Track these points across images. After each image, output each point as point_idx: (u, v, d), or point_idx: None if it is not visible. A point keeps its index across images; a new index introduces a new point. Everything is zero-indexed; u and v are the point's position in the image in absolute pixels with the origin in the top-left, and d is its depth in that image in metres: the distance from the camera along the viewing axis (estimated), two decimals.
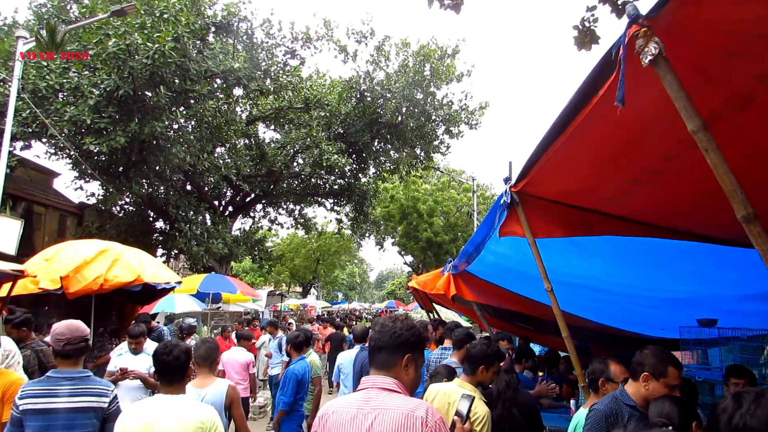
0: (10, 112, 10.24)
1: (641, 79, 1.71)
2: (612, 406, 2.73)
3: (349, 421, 1.96)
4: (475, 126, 21.58)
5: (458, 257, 5.05)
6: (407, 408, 1.91)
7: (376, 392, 2.00)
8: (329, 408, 2.08)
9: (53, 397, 3.07)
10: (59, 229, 20.42)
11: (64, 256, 6.34)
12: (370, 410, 1.94)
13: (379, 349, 2.09)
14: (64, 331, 3.22)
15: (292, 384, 5.52)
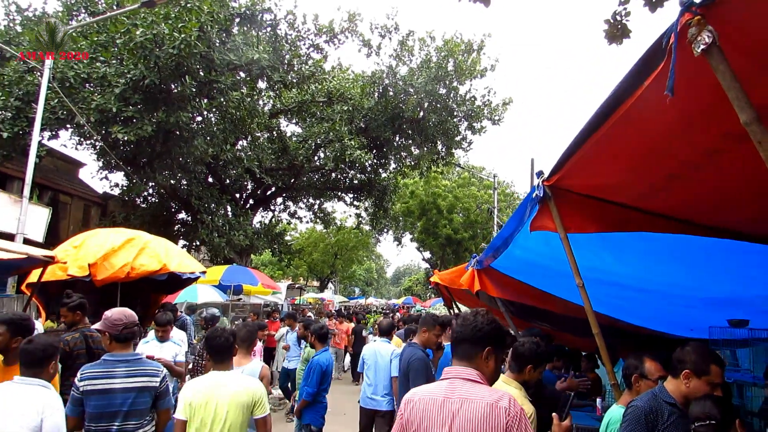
0: (41, 101, 10.43)
1: (690, 70, 1.67)
2: (652, 404, 2.68)
3: (437, 408, 2.12)
4: (498, 122, 21.46)
5: (484, 252, 5.01)
6: (491, 398, 2.06)
7: (461, 382, 2.14)
8: (415, 394, 2.24)
9: (111, 378, 3.39)
10: (84, 218, 20.79)
11: (93, 243, 6.46)
12: (456, 399, 2.10)
13: (461, 342, 2.23)
14: (121, 317, 3.57)
15: (316, 375, 5.57)
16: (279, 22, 18.45)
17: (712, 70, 1.60)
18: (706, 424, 2.34)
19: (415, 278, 64.20)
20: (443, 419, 2.09)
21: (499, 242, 4.21)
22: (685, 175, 2.44)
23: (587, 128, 2.27)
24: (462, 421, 2.05)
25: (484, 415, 2.03)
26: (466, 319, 2.28)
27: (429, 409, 2.14)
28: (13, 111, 12.50)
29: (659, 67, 1.74)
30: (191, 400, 3.32)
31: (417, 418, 2.16)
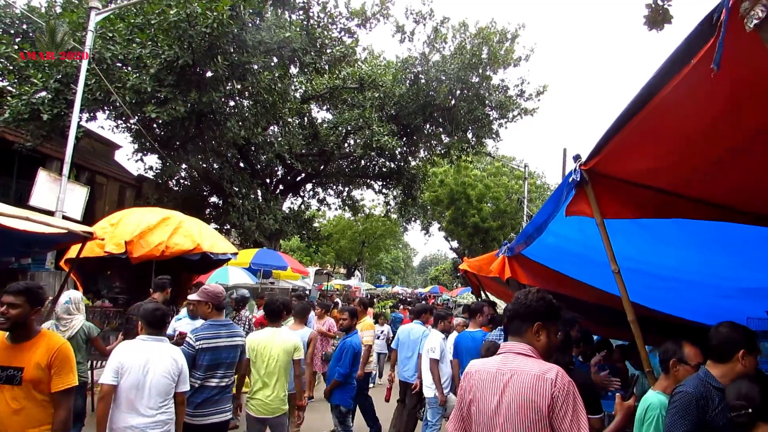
0: (80, 81, 10.66)
1: (741, 47, 1.61)
2: (701, 389, 2.61)
3: (490, 379, 2.33)
4: (531, 112, 21.15)
5: (516, 239, 4.97)
6: (539, 370, 2.24)
7: (513, 356, 2.35)
8: (473, 367, 2.47)
9: (218, 338, 4.50)
10: (119, 200, 21.31)
11: (129, 221, 6.62)
12: (507, 371, 2.30)
13: (513, 318, 2.43)
14: (219, 292, 4.69)
15: (349, 356, 5.67)
16: (311, 5, 18.47)
17: (764, 46, 1.54)
18: (743, 414, 2.29)
19: (442, 268, 64.06)
20: (495, 389, 2.29)
21: (533, 228, 4.16)
22: (731, 158, 2.38)
23: (628, 111, 2.22)
24: (511, 391, 2.24)
25: (531, 386, 2.20)
26: (518, 297, 2.47)
27: (483, 379, 2.36)
28: (52, 92, 12.81)
29: (707, 45, 1.68)
30: (255, 345, 4.87)
31: (473, 388, 2.38)
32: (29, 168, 15.81)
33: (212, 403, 4.39)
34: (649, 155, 2.56)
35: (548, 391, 2.17)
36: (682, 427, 2.56)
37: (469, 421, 2.40)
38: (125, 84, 12.70)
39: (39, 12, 14.99)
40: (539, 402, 2.17)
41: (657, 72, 1.97)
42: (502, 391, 2.27)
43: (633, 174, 2.86)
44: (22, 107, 12.52)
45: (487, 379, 2.35)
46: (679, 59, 1.84)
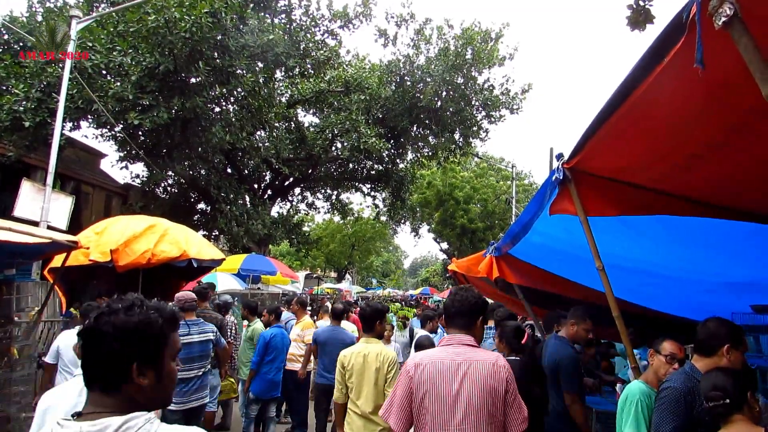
0: (63, 90, 10.58)
1: (711, 44, 1.64)
2: (688, 384, 2.65)
3: (446, 369, 2.54)
4: (517, 111, 21.28)
5: (503, 239, 4.99)
6: (491, 359, 2.58)
7: (463, 348, 2.61)
8: (423, 359, 2.63)
9: (189, 335, 5.27)
10: (105, 208, 21.08)
11: (114, 230, 6.56)
12: (462, 361, 2.55)
13: (460, 314, 2.72)
14: (185, 296, 5.49)
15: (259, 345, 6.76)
16: (293, 8, 18.47)
17: (734, 43, 1.57)
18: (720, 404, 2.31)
19: (432, 269, 64.18)
20: (453, 378, 2.51)
21: (518, 228, 4.19)
22: (708, 154, 2.41)
23: (606, 108, 2.25)
24: (471, 378, 2.50)
25: (489, 372, 2.52)
26: (460, 294, 2.78)
27: (439, 371, 2.54)
28: (35, 102, 12.70)
29: (680, 42, 1.71)
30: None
31: (427, 380, 2.54)
32: (13, 179, 15.62)
33: (192, 392, 5.27)
34: (627, 152, 2.59)
35: (503, 375, 2.54)
36: (671, 423, 2.58)
37: (421, 411, 2.53)
38: (107, 92, 12.62)
39: (21, 22, 14.87)
40: (497, 386, 2.51)
41: (632, 70, 2.00)
42: (462, 379, 2.50)
43: (614, 171, 2.89)
44: (4, 116, 12.40)
45: (443, 369, 2.54)
46: (653, 57, 1.87)
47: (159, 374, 1.40)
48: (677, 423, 2.56)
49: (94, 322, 1.37)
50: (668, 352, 3.03)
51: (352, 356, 4.35)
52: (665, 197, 2.95)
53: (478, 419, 2.46)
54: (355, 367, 4.29)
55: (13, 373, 5.64)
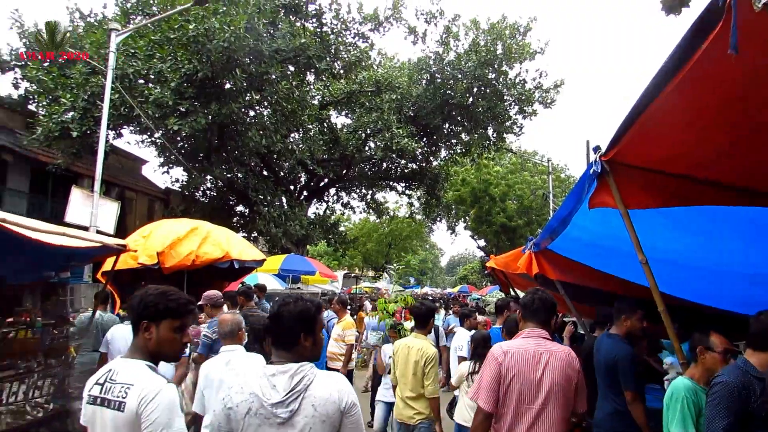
0: (106, 99, 10.97)
1: (749, 28, 1.61)
2: (742, 379, 2.57)
3: (531, 357, 2.97)
4: (550, 104, 20.97)
5: (541, 234, 4.95)
6: (566, 350, 3.08)
7: (542, 341, 3.06)
8: (510, 347, 3.06)
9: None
10: (148, 212, 21.76)
11: (160, 233, 6.78)
12: (543, 351, 3.00)
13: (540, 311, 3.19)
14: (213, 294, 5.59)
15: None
16: (324, 12, 18.65)
17: None
18: None
19: (470, 267, 63.67)
20: (536, 365, 2.94)
21: (557, 223, 4.15)
22: (752, 138, 2.36)
23: (644, 97, 2.22)
24: (551, 367, 2.94)
25: (566, 362, 2.98)
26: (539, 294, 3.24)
27: (525, 358, 2.96)
28: (81, 111, 13.20)
29: (718, 26, 1.69)
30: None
31: (514, 365, 2.96)
32: (62, 187, 16.31)
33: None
34: (668, 141, 2.55)
35: (576, 367, 3.01)
36: (725, 418, 2.50)
37: (508, 393, 2.95)
38: (147, 98, 13.02)
39: None
40: (572, 374, 2.98)
41: (669, 57, 1.98)
42: (544, 366, 2.94)
43: (653, 161, 2.84)
44: (53, 125, 12.94)
45: (528, 357, 2.97)
46: (691, 42, 1.85)
47: (314, 340, 2.26)
48: (731, 419, 2.49)
49: (278, 310, 2.23)
50: (721, 348, 2.94)
51: (399, 347, 4.93)
52: (708, 187, 2.89)
53: (556, 402, 2.91)
54: (400, 357, 4.85)
55: (71, 370, 5.91)
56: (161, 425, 2.02)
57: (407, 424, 4.76)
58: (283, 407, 2.07)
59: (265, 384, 2.12)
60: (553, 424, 2.89)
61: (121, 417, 2.04)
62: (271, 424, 2.07)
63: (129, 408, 2.03)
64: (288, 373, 2.13)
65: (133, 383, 2.09)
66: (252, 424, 2.08)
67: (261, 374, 2.15)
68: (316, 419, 2.09)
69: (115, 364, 2.22)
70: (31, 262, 5.60)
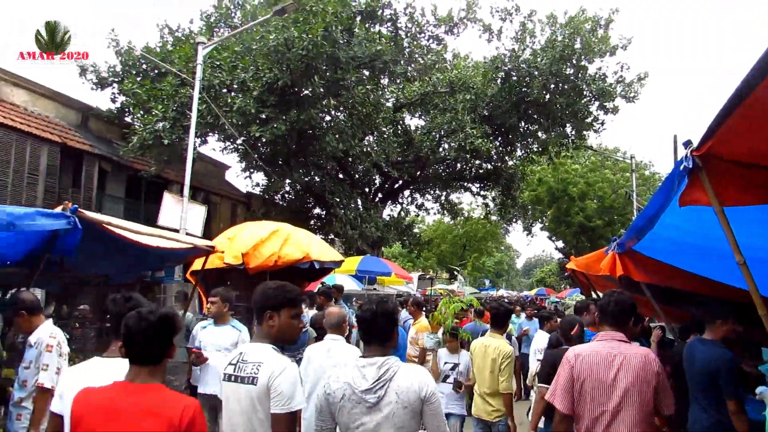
0: (194, 109, 11.63)
1: None
2: None
3: (603, 360, 3.00)
4: (633, 99, 20.04)
5: (626, 234, 4.77)
6: (642, 352, 3.08)
7: (617, 343, 3.06)
8: (582, 351, 3.11)
9: None
10: (231, 216, 22.74)
11: (244, 235, 7.12)
12: (617, 353, 2.99)
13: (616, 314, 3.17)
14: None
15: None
16: (399, 17, 18.80)
17: None
18: None
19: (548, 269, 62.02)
20: (609, 367, 2.96)
21: (643, 222, 3.99)
22: None
23: (744, 85, 2.10)
24: (625, 369, 2.93)
25: (641, 364, 2.95)
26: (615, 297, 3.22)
27: (597, 361, 2.99)
28: (171, 121, 14.06)
29: None
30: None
31: (587, 368, 3.00)
32: (153, 192, 17.40)
33: None
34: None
35: (654, 369, 2.97)
36: None
37: (582, 395, 3.00)
38: (232, 107, 13.67)
39: (154, 51, 16.53)
40: (649, 377, 2.94)
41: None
42: (618, 369, 2.94)
43: (753, 155, 2.68)
44: (147, 135, 13.86)
45: (600, 360, 2.99)
46: None
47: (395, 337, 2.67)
48: None
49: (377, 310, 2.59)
50: None
51: (477, 345, 5.20)
52: None
53: (633, 404, 2.90)
54: (478, 354, 5.11)
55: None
56: (287, 396, 2.36)
57: (486, 421, 5.01)
58: (371, 394, 2.42)
59: (356, 374, 2.48)
60: (631, 426, 2.90)
61: (254, 389, 2.41)
62: (362, 408, 2.43)
63: (261, 382, 2.39)
64: (376, 365, 2.47)
65: (263, 361, 2.45)
66: (346, 407, 2.46)
67: (354, 365, 2.52)
68: (399, 405, 2.40)
69: (245, 347, 2.63)
70: (131, 262, 6.04)
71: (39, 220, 3.70)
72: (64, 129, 15.63)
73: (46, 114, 15.67)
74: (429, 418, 2.48)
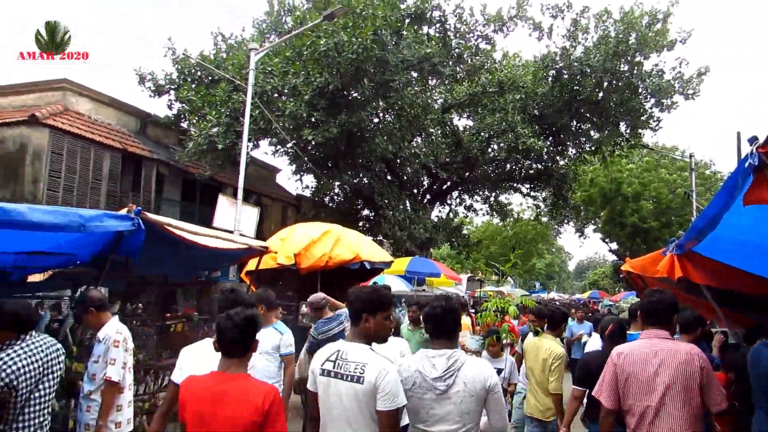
0: (246, 114, 11.97)
1: None
2: None
3: (645, 357, 3.08)
4: (692, 95, 19.24)
5: (686, 234, 4.61)
6: (686, 348, 3.10)
7: (658, 340, 3.14)
8: (624, 350, 3.23)
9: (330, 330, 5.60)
10: (282, 218, 23.20)
11: (296, 236, 7.27)
12: (659, 350, 3.07)
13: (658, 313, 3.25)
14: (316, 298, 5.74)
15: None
16: (447, 17, 18.74)
17: None
18: None
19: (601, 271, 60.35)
20: (650, 365, 3.03)
21: (704, 222, 3.84)
22: None
23: None
24: (667, 365, 3.00)
25: (686, 360, 2.99)
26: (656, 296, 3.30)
27: (638, 358, 3.09)
28: (224, 126, 14.49)
29: None
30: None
31: (629, 366, 3.10)
32: (207, 195, 17.97)
33: None
34: None
35: (698, 364, 2.99)
36: None
37: (626, 392, 3.11)
38: (284, 112, 13.97)
39: (208, 59, 17.09)
40: (693, 372, 2.96)
41: None
42: (659, 365, 3.01)
43: None
44: (202, 140, 14.34)
45: (641, 357, 3.09)
46: None
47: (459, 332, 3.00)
48: None
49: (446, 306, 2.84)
50: None
51: (530, 345, 5.33)
52: None
53: (676, 400, 2.95)
54: (530, 354, 5.25)
55: None
56: (393, 394, 2.56)
57: (539, 420, 5.12)
58: (440, 382, 2.68)
59: (426, 364, 2.74)
60: (677, 422, 2.95)
61: (360, 388, 2.59)
62: (431, 394, 2.70)
63: (368, 380, 2.58)
64: (445, 356, 2.73)
65: (367, 362, 2.63)
66: (416, 393, 2.72)
67: (423, 356, 2.79)
68: (466, 393, 2.67)
69: (341, 345, 2.82)
70: (189, 262, 6.27)
71: (106, 222, 3.92)
72: (124, 135, 16.37)
73: (108, 121, 16.45)
74: (492, 405, 2.75)
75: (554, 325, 5.43)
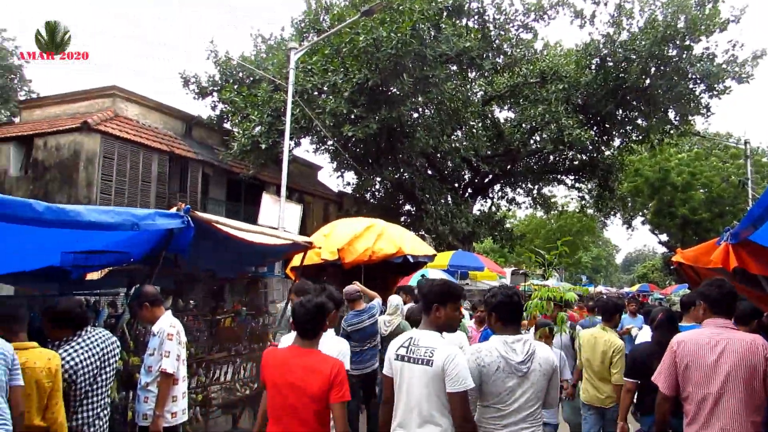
0: (288, 113, 12.15)
1: None
2: None
3: (704, 347, 3.07)
4: (746, 79, 18.35)
5: (741, 223, 4.43)
6: (749, 338, 3.06)
7: (721, 329, 3.11)
8: (684, 338, 3.25)
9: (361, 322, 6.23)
10: (324, 214, 23.45)
11: (339, 231, 7.36)
12: (720, 339, 3.04)
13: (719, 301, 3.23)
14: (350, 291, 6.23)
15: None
16: (486, 8, 18.50)
17: None
18: None
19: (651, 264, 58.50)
20: (711, 352, 3.01)
21: (761, 210, 3.69)
22: None
23: None
24: (728, 353, 2.96)
25: (747, 349, 2.95)
26: (716, 284, 3.36)
27: (699, 348, 3.08)
28: (266, 126, 14.75)
29: None
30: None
31: (689, 353, 3.10)
32: (251, 194, 18.34)
33: (366, 361, 6.21)
34: None
35: (761, 352, 2.93)
36: None
37: (684, 379, 3.12)
38: (324, 110, 14.11)
39: (249, 60, 17.40)
40: (756, 361, 2.91)
41: None
42: (720, 353, 2.98)
43: None
44: (245, 141, 14.64)
45: (702, 347, 3.08)
46: None
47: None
48: None
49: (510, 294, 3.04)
50: None
51: (586, 337, 5.44)
52: None
53: (736, 388, 2.91)
54: (587, 346, 5.35)
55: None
56: (461, 377, 2.75)
57: (598, 407, 5.25)
58: (524, 364, 2.90)
59: (507, 349, 2.94)
60: (737, 411, 2.92)
61: (430, 370, 2.80)
62: (515, 376, 2.90)
63: (436, 364, 2.79)
64: (521, 341, 2.97)
65: (436, 347, 2.85)
66: (500, 377, 2.91)
67: (501, 342, 2.98)
68: (539, 373, 2.93)
69: (414, 333, 3.05)
70: (235, 259, 6.43)
71: (158, 220, 4.08)
72: (171, 138, 16.88)
73: (155, 125, 16.99)
74: (554, 381, 3.06)
75: (608, 315, 5.52)
